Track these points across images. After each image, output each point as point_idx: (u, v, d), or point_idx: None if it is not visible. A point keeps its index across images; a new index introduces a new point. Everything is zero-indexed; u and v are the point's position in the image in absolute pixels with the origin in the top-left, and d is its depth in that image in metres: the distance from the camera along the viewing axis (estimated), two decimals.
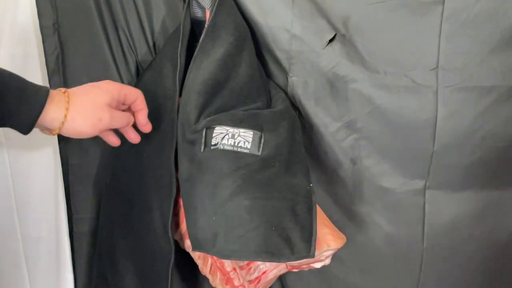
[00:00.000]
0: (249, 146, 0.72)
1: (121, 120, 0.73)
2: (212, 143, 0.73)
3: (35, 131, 0.85)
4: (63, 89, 0.69)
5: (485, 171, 0.81)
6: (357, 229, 0.88)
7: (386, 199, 0.86)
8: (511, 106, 0.76)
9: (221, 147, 0.72)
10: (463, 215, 0.84)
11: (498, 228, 0.84)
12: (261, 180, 0.70)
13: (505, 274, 0.87)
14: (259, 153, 0.72)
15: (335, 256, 0.86)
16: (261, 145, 0.72)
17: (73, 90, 0.70)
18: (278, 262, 0.70)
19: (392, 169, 0.84)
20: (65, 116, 0.67)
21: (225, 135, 0.73)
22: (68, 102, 0.67)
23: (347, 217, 0.89)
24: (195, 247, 0.71)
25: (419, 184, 0.83)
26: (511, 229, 0.84)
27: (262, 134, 0.73)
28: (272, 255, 0.66)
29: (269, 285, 0.78)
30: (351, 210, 0.88)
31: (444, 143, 0.79)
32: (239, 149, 0.72)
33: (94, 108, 0.69)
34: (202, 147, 0.73)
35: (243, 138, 0.72)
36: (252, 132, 0.73)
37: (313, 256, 0.65)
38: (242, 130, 0.73)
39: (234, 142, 0.72)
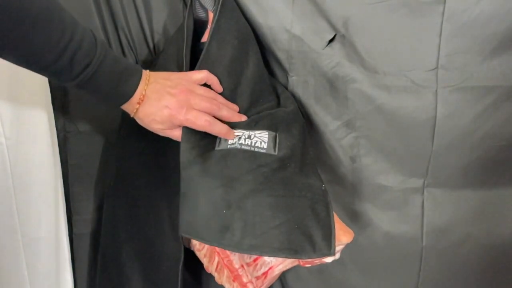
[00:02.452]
0: (265, 146, 0.73)
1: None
2: (229, 143, 0.73)
3: (35, 131, 0.86)
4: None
5: (484, 170, 0.82)
6: (356, 227, 0.89)
7: (385, 197, 0.87)
8: (511, 106, 0.77)
9: (239, 147, 0.73)
10: (461, 213, 0.85)
11: (497, 226, 0.86)
12: (282, 179, 0.71)
13: (504, 272, 0.89)
14: (276, 153, 0.72)
15: None
16: (277, 145, 0.73)
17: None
18: (299, 259, 0.70)
19: (391, 167, 0.85)
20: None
21: (241, 136, 0.73)
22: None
23: (347, 215, 0.89)
24: (184, 231, 0.70)
25: (417, 182, 0.84)
26: (509, 227, 0.86)
27: (277, 134, 0.74)
28: (295, 252, 0.66)
29: (274, 280, 0.79)
30: (351, 208, 0.89)
31: (443, 143, 0.80)
32: (256, 149, 0.73)
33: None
34: (217, 144, 0.74)
35: (259, 139, 0.73)
36: (267, 133, 0.74)
37: (333, 254, 0.66)
38: (257, 131, 0.74)
39: (251, 143, 0.73)
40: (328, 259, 0.69)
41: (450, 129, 0.79)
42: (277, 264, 0.75)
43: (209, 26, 0.81)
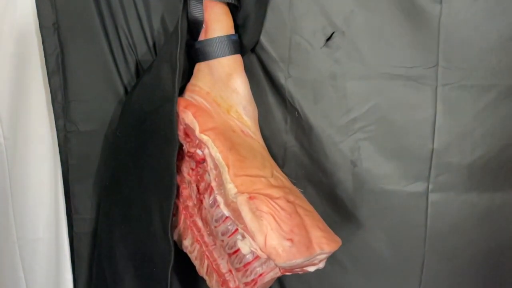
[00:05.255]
0: None
1: None
2: None
3: (35, 131, 0.86)
4: None
5: (488, 171, 0.80)
6: (357, 232, 0.87)
7: (388, 202, 0.84)
8: (510, 105, 0.76)
9: None
10: (466, 218, 0.83)
11: (501, 231, 0.83)
12: None
13: (507, 278, 0.86)
14: None
15: (334, 259, 0.85)
16: None
17: None
18: None
19: (393, 171, 0.83)
20: None
21: None
22: None
23: (348, 220, 0.87)
24: None
25: (421, 186, 0.82)
26: None
27: None
28: None
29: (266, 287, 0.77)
30: (352, 213, 0.87)
31: (443, 141, 0.79)
32: None
33: None
34: None
35: None
36: None
37: None
38: None
39: None
40: (311, 268, 0.68)
41: (450, 127, 0.78)
42: (267, 271, 0.73)
43: (204, 26, 0.80)
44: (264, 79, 0.87)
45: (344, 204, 0.87)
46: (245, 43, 0.83)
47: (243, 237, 0.69)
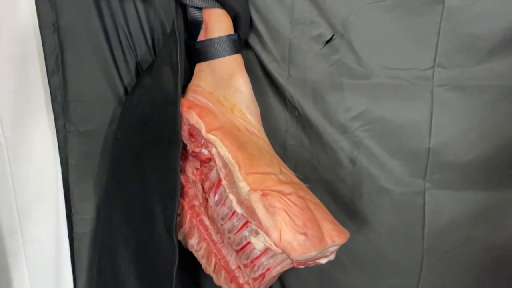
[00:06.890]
0: None
1: None
2: None
3: (35, 131, 0.86)
4: None
5: (484, 170, 0.81)
6: (356, 230, 0.88)
7: (386, 200, 0.86)
8: (508, 106, 0.77)
9: None
10: (463, 215, 0.84)
11: (499, 228, 0.85)
12: None
13: (506, 275, 0.88)
14: None
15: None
16: None
17: None
18: None
19: (391, 169, 0.84)
20: None
21: None
22: None
23: (347, 217, 0.88)
24: None
25: (418, 184, 0.84)
26: (511, 230, 0.85)
27: None
28: None
29: (273, 282, 0.78)
30: (351, 210, 0.88)
31: (440, 141, 0.80)
32: None
33: None
34: None
35: None
36: None
37: None
38: None
39: None
40: (323, 260, 0.69)
41: (446, 127, 0.79)
42: (274, 265, 0.74)
43: (203, 26, 0.81)
44: (264, 78, 0.88)
45: (343, 202, 0.88)
46: (242, 37, 0.84)
47: (256, 233, 0.70)
